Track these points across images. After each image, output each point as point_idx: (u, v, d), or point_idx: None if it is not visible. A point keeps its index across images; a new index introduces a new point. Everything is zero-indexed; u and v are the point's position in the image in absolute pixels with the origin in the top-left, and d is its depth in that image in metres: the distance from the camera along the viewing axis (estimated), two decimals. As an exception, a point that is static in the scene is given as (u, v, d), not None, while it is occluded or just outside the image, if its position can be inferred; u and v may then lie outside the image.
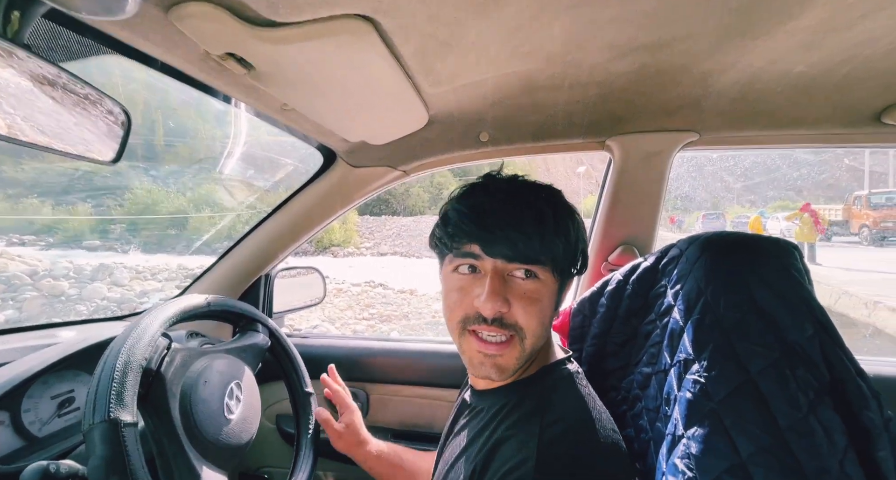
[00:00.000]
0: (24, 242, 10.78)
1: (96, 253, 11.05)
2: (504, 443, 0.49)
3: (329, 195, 1.06)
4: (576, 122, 0.87)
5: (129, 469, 0.47)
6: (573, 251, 0.53)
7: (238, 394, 0.71)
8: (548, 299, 0.52)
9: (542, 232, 0.49)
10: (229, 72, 0.57)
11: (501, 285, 0.49)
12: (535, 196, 0.52)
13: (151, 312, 0.63)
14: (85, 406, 0.49)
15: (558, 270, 0.52)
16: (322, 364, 1.11)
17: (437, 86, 0.73)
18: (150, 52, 0.51)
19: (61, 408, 0.74)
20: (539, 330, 0.51)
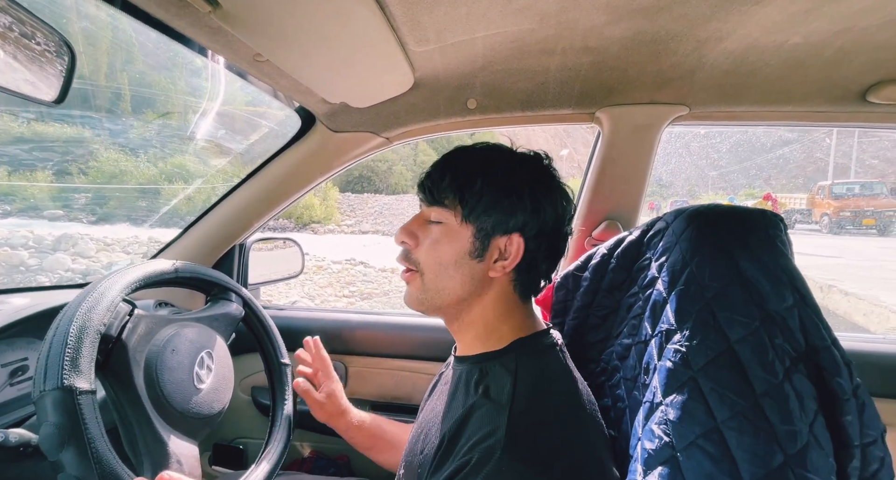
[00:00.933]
0: (-22, 210, 10.09)
1: (59, 222, 10.45)
2: (476, 412, 0.49)
3: (307, 161, 1.01)
4: (566, 92, 0.84)
5: (87, 436, 0.44)
6: (485, 203, 0.53)
7: (209, 364, 0.68)
8: (449, 242, 0.54)
9: (445, 177, 0.54)
10: (192, 8, 0.51)
11: (415, 222, 0.57)
12: (466, 150, 0.57)
13: (111, 276, 0.59)
14: (35, 375, 0.46)
15: (467, 217, 0.53)
16: (299, 336, 1.09)
17: (423, 44, 0.68)
18: None
19: (13, 377, 0.69)
20: (436, 269, 0.55)
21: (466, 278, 0.54)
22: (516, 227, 0.53)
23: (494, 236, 0.53)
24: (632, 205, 0.90)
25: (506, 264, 0.54)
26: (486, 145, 0.58)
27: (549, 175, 0.57)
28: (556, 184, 0.57)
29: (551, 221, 0.55)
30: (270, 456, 0.70)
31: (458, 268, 0.54)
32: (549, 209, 0.55)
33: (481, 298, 0.56)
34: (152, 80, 19.69)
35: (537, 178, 0.56)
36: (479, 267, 0.54)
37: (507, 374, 0.51)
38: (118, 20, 5.17)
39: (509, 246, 0.54)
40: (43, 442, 0.43)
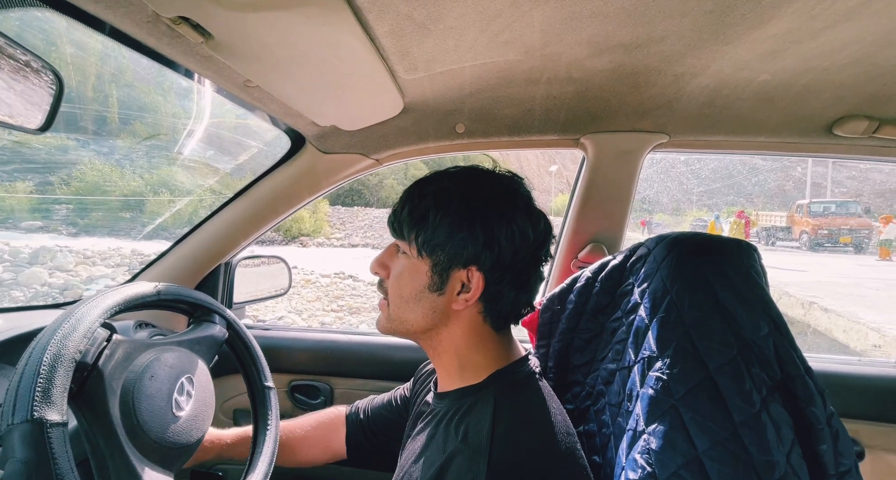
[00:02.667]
0: (-49, 220, 9.75)
1: (36, 234, 10.15)
2: (455, 459, 0.47)
3: (296, 181, 1.01)
4: (552, 119, 0.87)
5: (56, 473, 0.42)
6: (439, 236, 0.51)
7: (189, 389, 0.66)
8: (409, 275, 0.54)
9: (405, 209, 0.55)
10: (184, 39, 0.52)
11: (386, 254, 0.59)
12: (427, 181, 0.56)
13: (90, 300, 0.57)
14: (3, 407, 0.44)
15: (421, 250, 0.53)
16: (284, 357, 1.07)
17: (412, 72, 0.70)
18: (84, 7, 0.45)
19: None
20: (398, 302, 0.55)
21: (428, 311, 0.54)
22: (471, 261, 0.51)
23: (453, 269, 0.52)
24: (616, 228, 0.93)
25: (468, 297, 0.52)
26: (454, 172, 0.56)
27: (510, 205, 0.53)
28: (515, 215, 0.53)
29: (509, 253, 0.52)
30: (259, 468, 0.68)
31: (419, 302, 0.54)
32: (504, 241, 0.51)
33: (449, 329, 0.55)
34: (139, 94, 19.63)
35: (494, 210, 0.52)
36: (441, 301, 0.53)
37: (486, 413, 0.50)
38: (107, 45, 5.23)
39: (470, 278, 0.52)
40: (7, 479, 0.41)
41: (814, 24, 0.53)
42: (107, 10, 0.46)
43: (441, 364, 0.59)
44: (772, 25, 0.54)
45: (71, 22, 0.48)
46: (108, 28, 0.50)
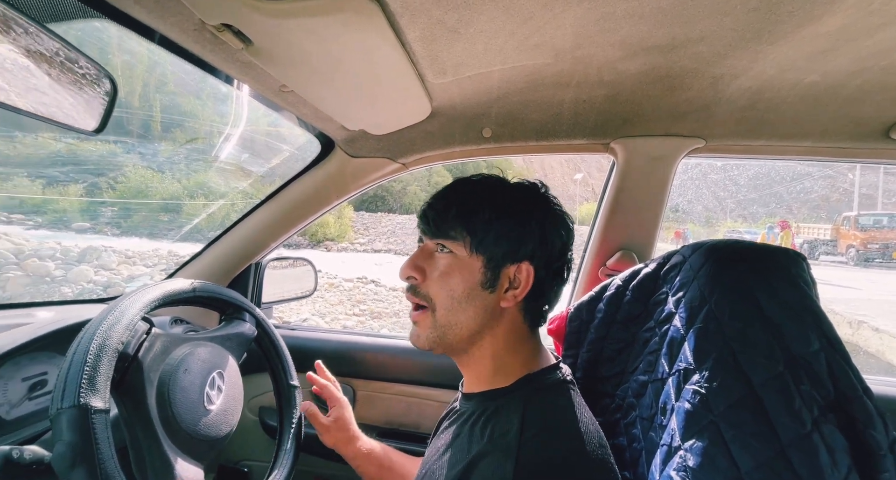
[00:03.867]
0: (12, 221, 10.57)
1: (85, 235, 10.86)
2: (482, 460, 0.47)
3: (325, 185, 1.03)
4: (581, 123, 0.85)
5: (98, 457, 0.44)
6: (494, 233, 0.52)
7: (220, 384, 0.68)
8: (460, 274, 0.53)
9: (450, 208, 0.54)
10: (226, 46, 0.54)
11: (420, 256, 0.56)
12: (467, 182, 0.57)
13: (132, 295, 0.60)
14: (53, 392, 0.46)
15: (476, 247, 0.53)
16: (309, 357, 1.09)
17: (441, 77, 0.71)
18: (139, 17, 0.48)
19: (32, 391, 0.70)
20: (448, 303, 0.53)
21: (479, 310, 0.53)
22: (526, 256, 0.53)
23: (504, 266, 0.53)
24: (647, 236, 0.89)
25: (517, 293, 0.53)
26: (485, 176, 0.59)
27: (552, 203, 0.58)
28: (560, 213, 0.57)
29: (559, 249, 0.56)
30: (282, 467, 0.69)
31: (471, 301, 0.53)
32: (554, 238, 0.55)
33: (493, 330, 0.55)
34: (181, 104, 20.76)
35: (543, 207, 0.56)
36: (491, 299, 0.53)
37: (515, 416, 0.49)
38: (155, 53, 5.64)
39: (518, 274, 0.53)
40: (55, 461, 0.43)
41: (872, 19, 0.50)
42: (158, 20, 0.49)
43: (474, 369, 0.58)
44: (823, 22, 0.51)
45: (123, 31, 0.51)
46: (158, 36, 0.53)
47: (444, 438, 0.58)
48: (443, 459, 0.53)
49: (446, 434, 0.58)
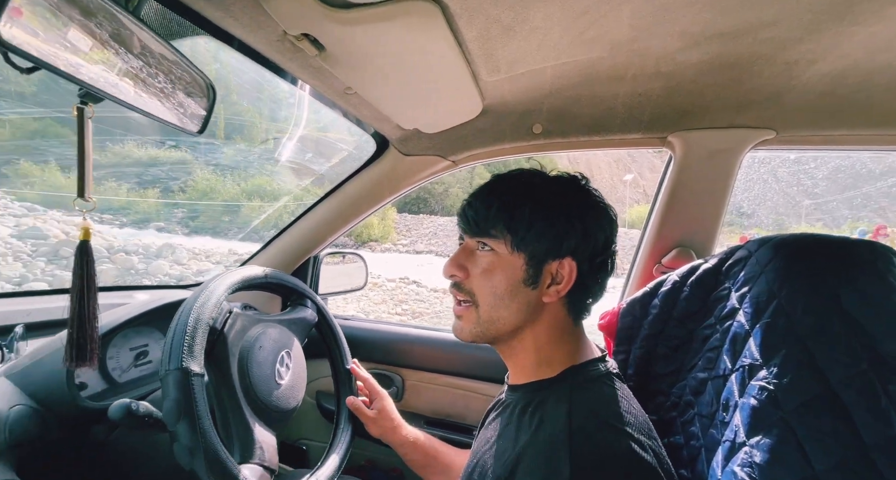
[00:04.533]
0: (103, 220, 11.99)
1: (161, 233, 12.09)
2: (530, 450, 0.47)
3: (378, 182, 1.09)
4: (636, 116, 0.83)
5: (196, 413, 0.51)
6: (536, 230, 0.52)
7: (288, 362, 0.75)
8: (503, 271, 0.54)
9: (489, 206, 0.54)
10: (302, 53, 0.60)
11: (462, 254, 0.57)
12: (506, 179, 0.57)
13: (218, 278, 0.68)
14: (162, 355, 0.54)
15: (518, 245, 0.53)
16: (361, 346, 1.15)
17: (494, 74, 0.73)
18: (234, 32, 0.55)
19: (137, 359, 0.81)
20: (491, 300, 0.54)
21: (522, 306, 0.54)
22: (568, 251, 0.53)
23: (546, 262, 0.53)
24: (707, 233, 0.85)
25: (560, 289, 0.53)
26: (523, 171, 0.58)
27: (594, 197, 0.57)
28: (602, 206, 0.56)
29: (602, 242, 0.55)
30: (336, 455, 0.74)
31: (514, 297, 0.54)
32: (597, 232, 0.54)
33: (535, 325, 0.56)
34: (242, 110, 22.46)
35: (585, 202, 0.55)
36: (534, 295, 0.54)
37: (561, 406, 0.49)
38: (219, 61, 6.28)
39: (561, 270, 0.53)
40: (166, 414, 0.51)
41: None
42: (249, 34, 0.55)
43: (517, 361, 0.59)
44: None
45: (211, 44, 0.59)
46: (243, 48, 0.60)
47: (492, 429, 0.59)
48: (492, 450, 0.54)
49: (494, 425, 0.60)
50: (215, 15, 0.51)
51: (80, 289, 0.47)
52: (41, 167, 13.42)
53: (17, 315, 0.78)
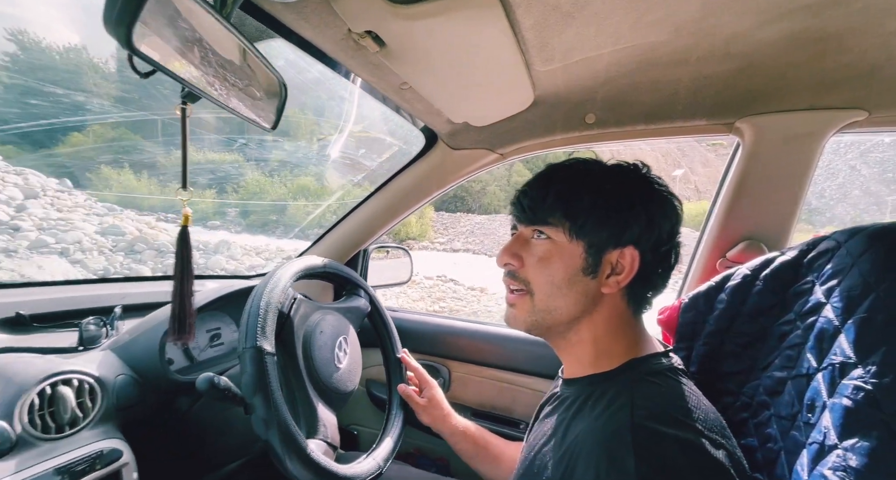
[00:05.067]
0: (168, 219, 13.13)
1: (217, 231, 13.06)
2: (589, 441, 0.45)
3: (426, 177, 1.11)
4: (700, 102, 0.79)
5: (270, 388, 0.55)
6: (596, 218, 0.51)
7: (345, 348, 0.79)
8: (560, 260, 0.52)
9: (546, 194, 0.53)
10: (363, 50, 0.63)
11: (516, 243, 0.56)
12: (563, 167, 0.55)
13: (283, 266, 0.73)
14: (239, 335, 0.59)
15: (577, 233, 0.51)
16: (408, 337, 1.18)
17: (548, 64, 0.72)
18: (304, 34, 0.58)
19: (212, 341, 0.89)
20: (548, 289, 0.53)
21: (580, 296, 0.52)
22: (630, 240, 0.51)
23: (606, 251, 0.51)
24: (781, 225, 0.79)
25: (620, 279, 0.51)
26: (580, 160, 0.57)
27: (657, 185, 0.54)
28: (666, 195, 0.54)
29: (667, 232, 0.52)
30: (390, 438, 0.77)
31: (572, 286, 0.52)
32: (663, 221, 0.52)
33: (592, 316, 0.54)
34: (288, 116, 23.69)
35: (648, 189, 0.53)
36: (593, 284, 0.52)
37: (623, 400, 0.47)
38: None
39: (622, 260, 0.51)
40: (244, 387, 0.55)
41: None
42: (317, 34, 0.59)
43: (573, 353, 0.57)
44: None
45: (280, 46, 0.63)
46: (313, 49, 0.63)
47: (548, 423, 0.58)
48: (550, 443, 0.53)
49: (549, 419, 0.59)
50: (289, 18, 0.54)
51: (181, 270, 0.52)
52: (118, 171, 14.91)
53: (114, 298, 0.88)
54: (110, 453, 0.59)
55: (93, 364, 0.65)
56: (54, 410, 0.58)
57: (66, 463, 0.55)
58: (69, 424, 0.59)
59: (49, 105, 17.95)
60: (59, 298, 0.82)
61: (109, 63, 22.44)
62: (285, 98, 0.56)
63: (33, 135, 16.29)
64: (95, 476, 0.57)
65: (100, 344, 0.74)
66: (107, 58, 21.04)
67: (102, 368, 0.66)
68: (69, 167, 14.04)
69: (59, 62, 20.75)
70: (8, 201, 7.70)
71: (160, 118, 18.33)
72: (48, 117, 17.29)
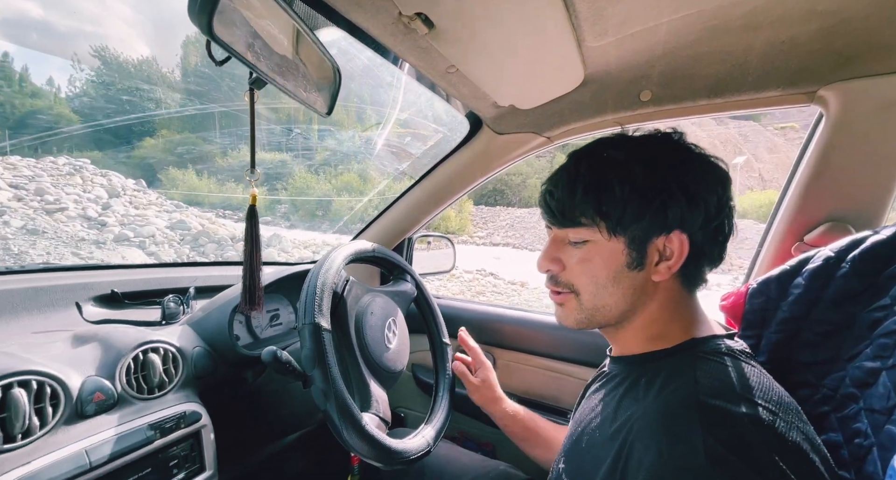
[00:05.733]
0: (226, 215, 14.18)
1: (269, 226, 13.95)
2: (646, 417, 0.43)
3: (470, 163, 1.10)
4: (775, 70, 0.72)
5: (327, 362, 0.58)
6: (632, 210, 0.47)
7: (394, 329, 0.81)
8: (601, 259, 0.50)
9: (573, 192, 0.49)
10: (412, 34, 0.63)
11: (553, 247, 0.54)
12: (585, 155, 0.51)
13: (335, 250, 0.76)
14: (297, 312, 0.63)
15: (614, 229, 0.48)
16: (453, 323, 1.19)
17: (601, 38, 0.68)
18: (355, 19, 0.60)
19: (272, 321, 0.96)
20: (592, 289, 0.51)
21: (628, 291, 0.50)
22: (674, 224, 0.47)
23: (650, 240, 0.48)
24: (873, 205, 0.70)
25: (671, 264, 0.48)
26: (603, 141, 0.52)
27: (694, 154, 0.49)
28: (707, 163, 0.49)
29: (714, 204, 0.48)
30: (437, 419, 0.78)
31: (618, 284, 0.50)
32: (707, 195, 0.47)
33: (647, 306, 0.51)
34: (333, 117, 24.67)
35: (684, 162, 0.48)
36: (641, 276, 0.50)
37: (685, 377, 0.44)
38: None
39: (669, 245, 0.48)
40: (304, 361, 0.59)
41: None
42: (370, 19, 0.60)
43: (624, 336, 0.55)
44: None
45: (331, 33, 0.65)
46: (362, 34, 0.65)
47: (596, 399, 0.57)
48: (598, 419, 0.52)
49: (596, 395, 0.57)
50: (341, 3, 0.56)
51: (251, 245, 0.56)
52: (182, 172, 16.31)
53: (187, 280, 0.97)
54: (192, 414, 0.66)
55: (174, 336, 0.73)
56: (146, 374, 0.65)
57: (157, 420, 0.62)
58: (157, 387, 0.66)
59: (128, 109, 20.06)
60: (143, 279, 0.92)
61: (175, 72, 24.42)
62: (339, 84, 0.58)
63: (113, 139, 18.27)
64: (180, 433, 0.64)
65: (178, 319, 0.82)
66: (173, 67, 22.99)
67: (182, 340, 0.73)
68: (143, 168, 15.62)
69: (135, 73, 22.97)
70: (96, 200, 8.78)
71: (226, 108, 19.77)
72: (126, 122, 19.31)
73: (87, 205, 8.48)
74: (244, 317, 0.91)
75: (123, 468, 0.57)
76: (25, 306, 0.73)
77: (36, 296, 0.75)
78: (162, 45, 23.81)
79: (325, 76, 0.58)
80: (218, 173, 18.58)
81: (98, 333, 0.67)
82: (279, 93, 0.52)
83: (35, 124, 17.55)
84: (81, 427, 0.55)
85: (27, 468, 0.48)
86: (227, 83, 23.76)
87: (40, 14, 73.65)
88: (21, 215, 7.59)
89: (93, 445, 0.54)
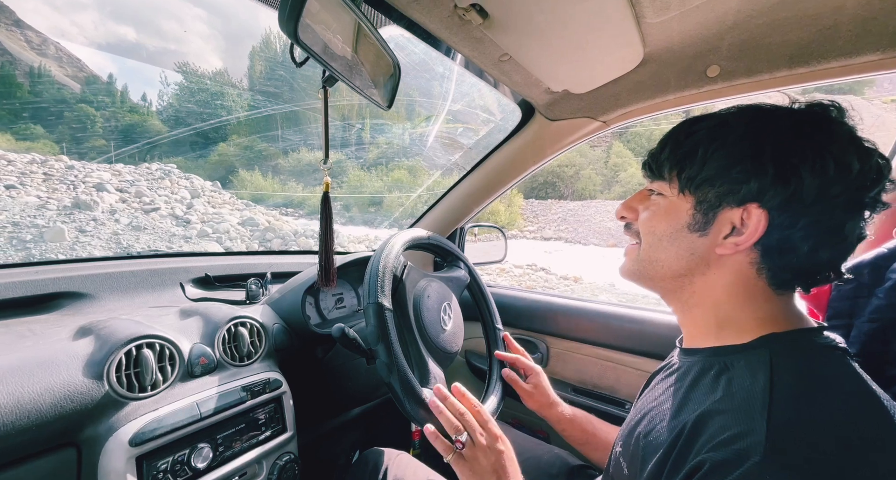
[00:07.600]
0: (288, 213, 15.29)
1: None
2: (717, 412, 0.41)
3: (522, 151, 1.10)
4: (872, 31, 0.64)
5: (390, 339, 0.63)
6: (708, 171, 0.46)
7: (449, 312, 0.85)
8: (665, 213, 0.51)
9: (665, 145, 0.51)
10: (467, 25, 0.65)
11: (636, 197, 0.57)
12: (698, 120, 0.50)
13: (394, 237, 0.81)
14: (363, 292, 0.68)
15: (685, 187, 0.48)
16: (506, 311, 1.21)
17: (663, 13, 0.66)
18: (412, 15, 0.63)
19: (336, 304, 1.04)
20: (650, 239, 0.52)
21: (683, 252, 0.49)
22: (751, 197, 0.44)
23: (723, 207, 0.46)
24: None
25: (739, 241, 0.45)
26: (733, 109, 0.49)
27: (821, 130, 0.43)
28: (829, 143, 0.42)
29: (813, 189, 0.41)
30: (492, 401, 0.81)
31: (674, 241, 0.49)
32: (807, 173, 0.41)
33: (706, 277, 0.49)
34: (381, 115, 25.40)
35: (793, 137, 0.43)
36: (702, 242, 0.48)
37: (758, 375, 0.42)
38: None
39: (746, 219, 0.44)
40: (369, 336, 0.64)
41: None
42: (426, 14, 0.63)
43: (691, 318, 0.53)
44: None
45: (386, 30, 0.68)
46: (419, 30, 0.68)
47: (660, 389, 0.55)
48: (662, 408, 0.51)
49: (663, 385, 0.55)
50: (400, 1, 0.60)
51: (325, 228, 0.62)
52: (250, 173, 17.82)
53: (263, 266, 1.08)
54: (275, 381, 0.76)
55: (257, 313, 0.83)
56: (237, 344, 0.76)
57: (247, 384, 0.73)
58: (246, 356, 0.76)
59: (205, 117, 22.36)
60: (228, 264, 1.04)
61: (243, 81, 26.54)
62: (399, 79, 0.62)
63: (193, 145, 20.41)
64: (265, 397, 0.74)
65: (259, 299, 0.93)
66: (241, 77, 25.14)
67: (264, 317, 0.83)
68: (217, 170, 17.36)
69: (210, 85, 25.41)
70: (181, 200, 9.98)
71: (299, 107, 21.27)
72: (203, 128, 21.50)
73: (175, 205, 9.69)
74: (313, 299, 1.01)
75: (224, 421, 0.68)
76: (143, 285, 0.88)
77: (150, 277, 0.90)
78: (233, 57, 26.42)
79: (385, 72, 0.62)
80: (280, 173, 20.03)
81: (199, 309, 0.79)
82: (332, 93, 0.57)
83: (133, 135, 20.21)
84: (191, 385, 0.66)
85: (156, 413, 0.60)
86: (286, 92, 25.44)
87: (134, 37, 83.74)
88: (127, 214, 8.91)
89: (201, 399, 0.65)
